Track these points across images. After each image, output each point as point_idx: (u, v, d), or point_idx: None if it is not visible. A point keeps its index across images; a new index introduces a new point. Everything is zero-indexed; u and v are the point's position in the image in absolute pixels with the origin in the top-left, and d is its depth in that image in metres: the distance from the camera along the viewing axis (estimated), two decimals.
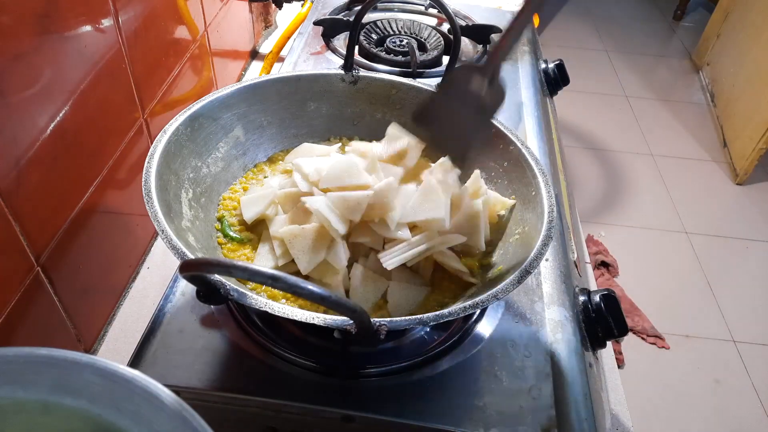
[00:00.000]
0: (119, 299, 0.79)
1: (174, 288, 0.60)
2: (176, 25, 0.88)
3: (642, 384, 1.43)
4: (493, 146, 0.68)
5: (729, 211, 2.00)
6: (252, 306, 0.45)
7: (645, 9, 3.33)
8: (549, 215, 0.56)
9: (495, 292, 0.48)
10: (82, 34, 0.64)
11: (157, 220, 0.49)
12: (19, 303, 0.57)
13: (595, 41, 2.95)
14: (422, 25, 1.07)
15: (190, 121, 0.62)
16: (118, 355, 0.73)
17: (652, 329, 1.56)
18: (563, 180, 0.86)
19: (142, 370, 0.34)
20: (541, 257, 0.52)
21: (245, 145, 0.70)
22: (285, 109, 0.73)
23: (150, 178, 0.53)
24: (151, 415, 0.28)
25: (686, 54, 2.88)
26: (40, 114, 0.58)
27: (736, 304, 1.66)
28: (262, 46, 1.36)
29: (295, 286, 0.37)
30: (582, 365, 0.57)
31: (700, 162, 2.19)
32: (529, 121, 0.89)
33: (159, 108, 0.84)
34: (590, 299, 0.64)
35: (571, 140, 2.21)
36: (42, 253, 0.61)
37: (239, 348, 0.54)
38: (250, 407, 0.52)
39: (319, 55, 0.99)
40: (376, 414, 0.50)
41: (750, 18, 2.27)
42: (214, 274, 0.44)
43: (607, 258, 1.74)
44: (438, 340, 0.57)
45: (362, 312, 0.40)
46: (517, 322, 0.59)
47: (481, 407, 0.51)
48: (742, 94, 2.19)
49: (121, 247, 0.80)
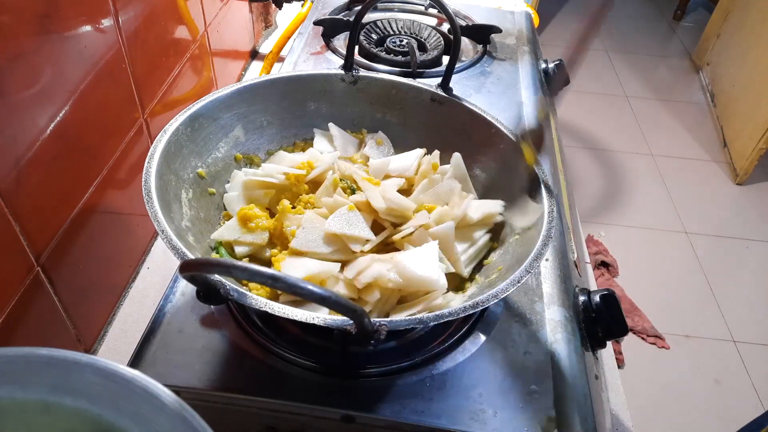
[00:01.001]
0: (119, 299, 0.79)
1: (174, 288, 0.60)
2: (176, 25, 0.88)
3: (642, 384, 1.43)
4: (493, 146, 0.68)
5: (729, 211, 2.00)
6: (252, 306, 0.45)
7: (645, 9, 3.33)
8: (549, 215, 0.56)
9: (495, 292, 0.48)
10: (82, 34, 0.64)
11: (157, 220, 0.49)
12: (19, 303, 0.57)
13: (595, 41, 2.95)
14: (422, 25, 1.07)
15: (190, 121, 0.62)
16: (118, 355, 0.73)
17: (652, 329, 1.56)
18: (563, 180, 0.86)
19: (142, 370, 0.34)
20: (541, 257, 0.52)
21: (245, 145, 0.70)
22: (285, 110, 0.73)
23: (150, 178, 0.53)
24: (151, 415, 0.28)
25: (686, 54, 2.88)
26: (40, 114, 0.58)
27: (736, 304, 1.66)
28: (262, 46, 1.36)
29: (294, 286, 0.37)
30: (582, 365, 0.57)
31: (700, 162, 2.19)
32: (529, 121, 0.89)
33: (159, 108, 0.84)
34: (590, 299, 0.64)
35: (571, 140, 2.21)
36: (42, 253, 0.61)
37: (239, 348, 0.54)
38: (250, 407, 0.52)
39: (319, 55, 0.99)
40: (376, 414, 0.50)
41: (750, 18, 2.27)
42: (214, 274, 0.44)
43: (607, 258, 1.74)
44: (438, 340, 0.57)
45: (362, 312, 0.40)
46: (517, 322, 0.59)
47: (481, 407, 0.51)
48: (742, 94, 2.19)
49: (121, 247, 0.80)
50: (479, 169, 0.70)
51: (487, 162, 0.69)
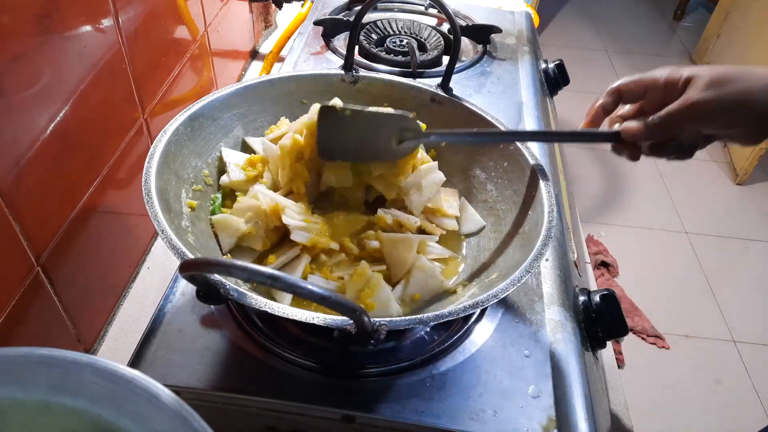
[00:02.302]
0: (119, 299, 0.79)
1: (174, 288, 0.60)
2: (176, 25, 0.88)
3: (642, 384, 1.43)
4: (493, 146, 0.68)
5: (729, 211, 2.00)
6: (252, 306, 0.45)
7: (645, 9, 3.33)
8: (549, 215, 0.56)
9: (495, 292, 0.48)
10: (82, 34, 0.64)
11: (157, 220, 0.49)
12: (19, 303, 0.57)
13: (595, 41, 2.95)
14: (422, 25, 1.07)
15: (189, 121, 0.62)
16: (118, 355, 0.73)
17: (652, 329, 1.56)
18: (563, 180, 0.86)
19: (142, 370, 0.34)
20: (541, 257, 0.52)
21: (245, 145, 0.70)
22: (285, 109, 0.73)
23: (150, 178, 0.53)
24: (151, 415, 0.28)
25: (686, 54, 2.88)
26: (40, 114, 0.58)
27: (736, 304, 1.66)
28: (262, 46, 1.36)
29: (294, 286, 0.37)
30: (582, 365, 0.57)
31: (700, 162, 2.19)
32: (529, 121, 0.89)
33: (159, 108, 0.84)
34: (590, 299, 0.64)
35: None
36: (42, 253, 0.61)
37: (239, 348, 0.54)
38: (250, 407, 0.52)
39: (319, 55, 0.99)
40: (376, 414, 0.50)
41: (750, 18, 2.28)
42: (214, 273, 0.44)
43: (607, 258, 1.74)
44: (438, 340, 0.57)
45: (362, 312, 0.40)
46: (517, 322, 0.59)
47: (481, 407, 0.51)
48: None
49: (121, 247, 0.80)
50: (479, 168, 0.70)
51: (487, 162, 0.69)
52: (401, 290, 0.59)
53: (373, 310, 0.54)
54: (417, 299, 0.58)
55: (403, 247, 0.59)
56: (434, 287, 0.59)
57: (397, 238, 0.60)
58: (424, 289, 0.59)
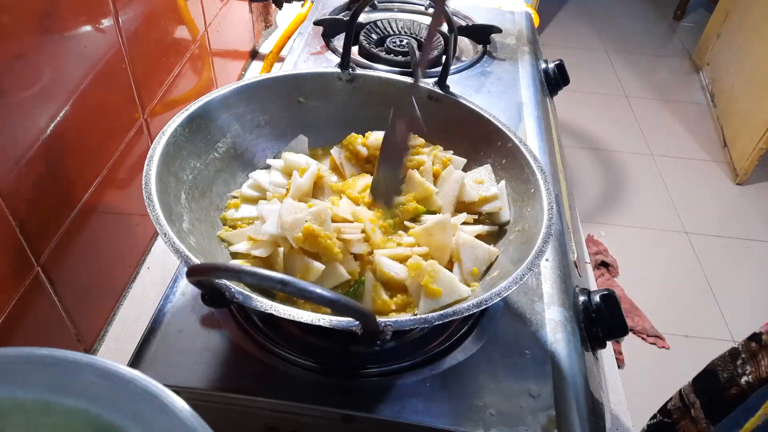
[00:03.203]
0: (119, 299, 0.79)
1: (174, 288, 0.60)
2: (176, 25, 0.88)
3: (642, 384, 1.43)
4: (491, 143, 0.68)
5: (729, 211, 2.00)
6: (257, 309, 0.45)
7: (645, 9, 3.33)
8: (548, 212, 0.56)
9: (498, 291, 0.48)
10: (82, 34, 0.64)
11: (159, 224, 0.49)
12: (19, 303, 0.57)
13: (595, 41, 2.95)
14: (422, 25, 1.07)
15: (188, 122, 0.62)
16: (118, 355, 0.73)
17: (652, 329, 1.56)
18: (563, 180, 0.86)
19: (142, 370, 0.34)
20: (542, 254, 0.52)
21: (244, 145, 0.70)
22: (283, 108, 0.73)
23: (150, 181, 0.53)
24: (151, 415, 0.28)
25: (686, 54, 2.88)
26: (40, 114, 0.58)
27: (736, 304, 1.66)
28: (262, 46, 1.36)
29: (304, 290, 0.37)
30: (582, 365, 0.57)
31: (700, 162, 2.19)
32: (529, 121, 0.89)
33: (159, 108, 0.84)
34: (590, 299, 0.64)
35: (571, 140, 2.21)
36: (42, 253, 0.61)
37: (239, 348, 0.54)
38: (250, 407, 0.52)
39: (319, 55, 0.99)
40: (376, 414, 0.50)
41: (750, 18, 2.28)
42: (222, 279, 0.43)
43: (607, 258, 1.74)
44: (438, 340, 0.57)
45: (370, 315, 0.40)
46: (517, 322, 0.59)
47: (481, 407, 0.51)
48: (742, 94, 2.19)
49: (121, 247, 0.80)
50: (476, 166, 0.70)
51: (485, 159, 0.69)
52: (458, 270, 0.58)
53: (441, 296, 0.54)
54: (476, 273, 0.58)
55: (437, 232, 0.59)
56: (485, 257, 0.59)
57: (427, 226, 0.60)
58: (477, 261, 0.59)
